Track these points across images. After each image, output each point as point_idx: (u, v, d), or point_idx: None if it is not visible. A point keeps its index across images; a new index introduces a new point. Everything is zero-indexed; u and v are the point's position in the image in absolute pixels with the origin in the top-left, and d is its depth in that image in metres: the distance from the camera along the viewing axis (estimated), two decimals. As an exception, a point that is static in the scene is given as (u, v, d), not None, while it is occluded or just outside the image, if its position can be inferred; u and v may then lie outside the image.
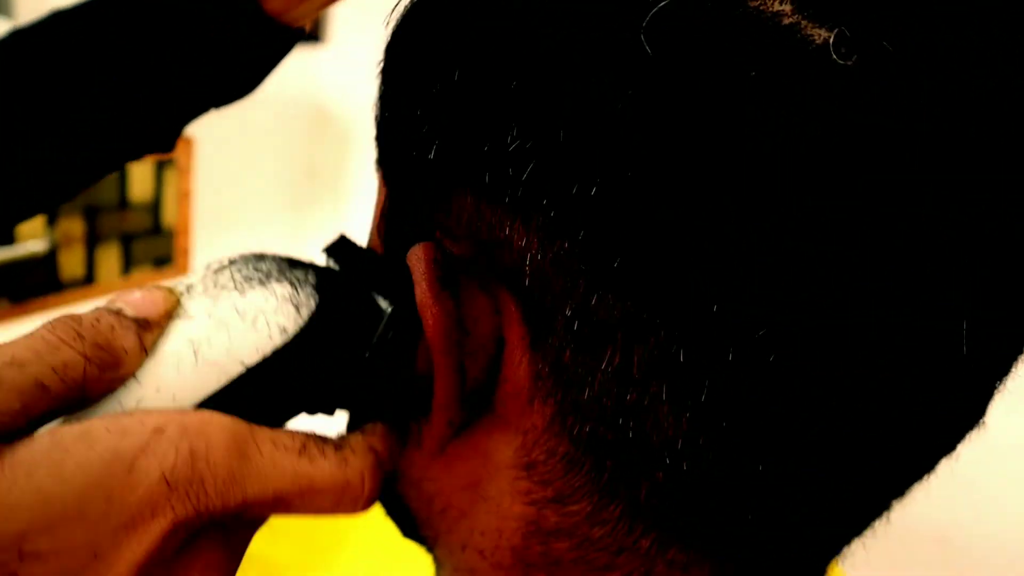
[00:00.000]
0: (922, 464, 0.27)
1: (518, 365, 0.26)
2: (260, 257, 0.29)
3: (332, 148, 1.92)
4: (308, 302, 0.28)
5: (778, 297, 0.21)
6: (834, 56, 0.20)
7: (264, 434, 0.26)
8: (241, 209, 1.75)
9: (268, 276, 0.28)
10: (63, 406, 0.25)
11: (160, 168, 1.45)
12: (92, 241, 1.41)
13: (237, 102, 0.56)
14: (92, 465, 0.23)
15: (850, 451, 0.24)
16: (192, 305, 0.28)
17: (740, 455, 0.24)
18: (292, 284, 0.28)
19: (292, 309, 0.28)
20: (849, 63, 0.20)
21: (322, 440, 0.27)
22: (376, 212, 0.31)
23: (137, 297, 0.27)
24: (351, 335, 0.28)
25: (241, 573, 0.28)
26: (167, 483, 0.24)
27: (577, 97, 0.22)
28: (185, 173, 1.45)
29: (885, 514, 0.28)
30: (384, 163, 0.29)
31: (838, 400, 0.23)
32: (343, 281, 0.29)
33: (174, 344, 0.27)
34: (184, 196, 1.46)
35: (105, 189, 1.39)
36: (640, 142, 0.21)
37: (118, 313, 0.26)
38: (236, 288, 0.28)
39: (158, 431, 0.24)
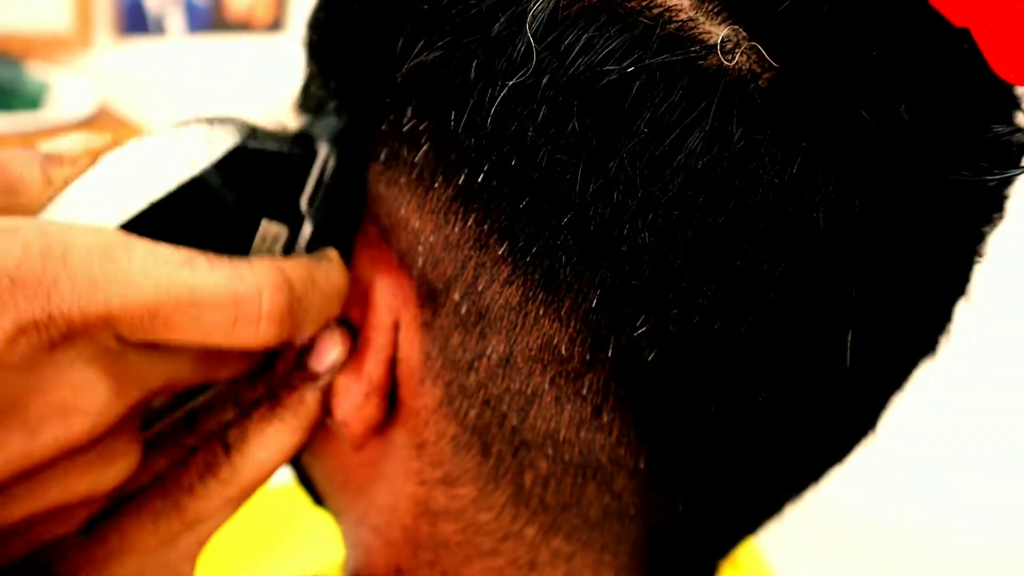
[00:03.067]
0: (809, 470, 0.28)
1: (411, 345, 0.26)
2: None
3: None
4: (224, 138, 0.25)
5: (658, 294, 0.22)
6: (721, 59, 0.20)
7: (141, 243, 0.23)
8: (197, 199, 1.72)
9: (188, 121, 0.25)
10: None
11: (112, 157, 1.42)
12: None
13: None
14: None
15: (729, 450, 0.25)
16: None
17: (622, 450, 0.24)
18: (210, 121, 0.25)
19: (202, 141, 0.25)
20: (732, 65, 0.20)
21: (219, 257, 0.24)
22: None
23: (58, 140, 0.24)
24: (277, 176, 0.26)
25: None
26: (10, 279, 0.21)
27: (467, 82, 0.22)
28: (137, 163, 1.42)
29: (777, 513, 0.29)
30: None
31: (716, 399, 0.23)
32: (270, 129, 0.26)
33: (79, 182, 0.24)
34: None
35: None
36: (523, 130, 0.21)
37: (20, 148, 0.24)
38: (153, 135, 0.25)
39: (9, 230, 0.21)
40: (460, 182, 0.23)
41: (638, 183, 0.21)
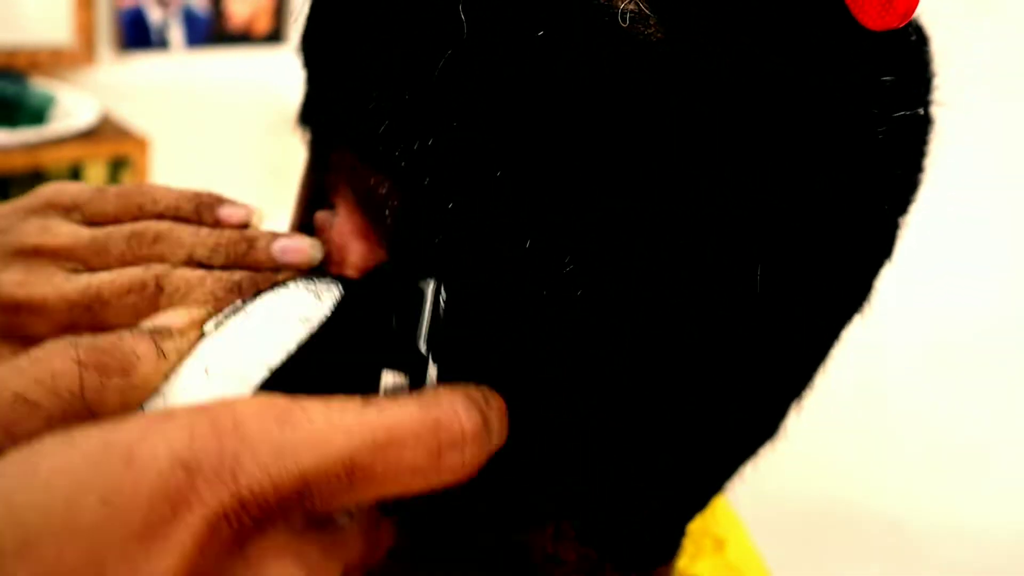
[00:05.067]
0: (742, 428, 0.29)
1: None
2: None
3: (293, 148, 1.92)
4: (330, 289, 0.25)
5: (585, 238, 0.23)
6: (624, 22, 0.22)
7: (311, 399, 0.21)
8: (201, 209, 1.74)
9: (283, 284, 0.26)
10: (69, 425, 0.20)
11: (115, 167, 1.44)
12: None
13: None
14: (74, 463, 0.18)
15: (672, 386, 0.26)
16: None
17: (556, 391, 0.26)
18: (308, 279, 0.26)
19: (311, 297, 0.25)
20: (638, 30, 0.22)
21: (391, 395, 0.22)
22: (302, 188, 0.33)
23: (159, 317, 0.24)
24: (387, 322, 0.24)
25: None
26: (184, 467, 0.18)
27: (410, 58, 0.25)
28: (141, 173, 1.44)
29: (726, 473, 0.30)
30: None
31: (645, 331, 0.25)
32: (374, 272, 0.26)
33: (190, 361, 0.23)
34: (140, 196, 1.45)
35: (59, 189, 1.38)
36: (458, 99, 0.24)
37: (133, 328, 0.23)
38: (248, 301, 0.25)
39: (163, 418, 0.19)
40: (415, 149, 0.24)
41: (557, 132, 0.23)
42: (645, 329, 0.24)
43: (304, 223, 0.31)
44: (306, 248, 0.28)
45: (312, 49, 0.30)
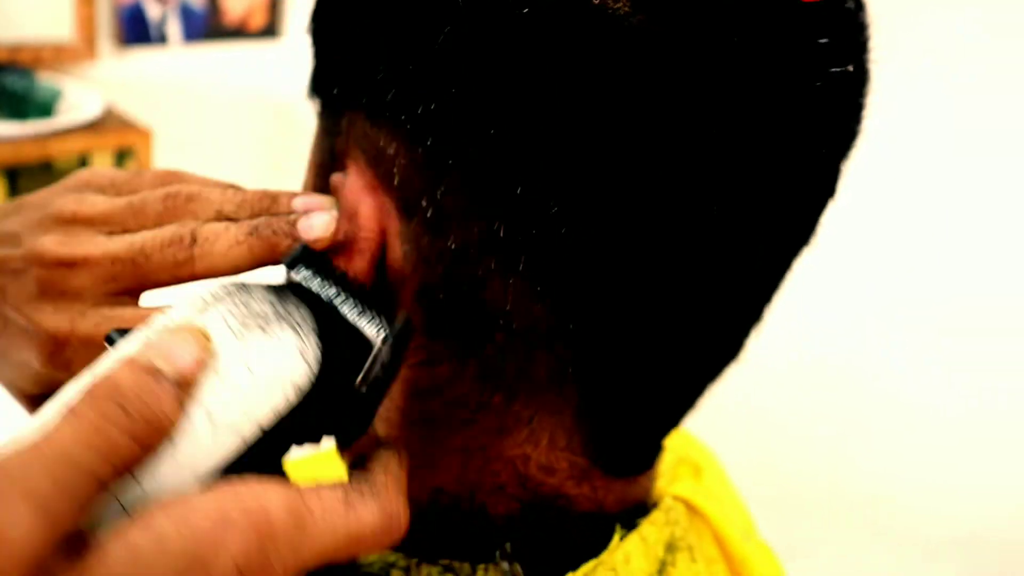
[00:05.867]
0: (714, 341, 0.33)
1: (395, 250, 0.31)
2: (244, 289, 0.29)
3: (291, 141, 1.96)
4: (314, 351, 0.29)
5: (565, 183, 0.28)
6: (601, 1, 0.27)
7: (312, 496, 0.26)
8: (200, 199, 1.77)
9: (267, 320, 0.28)
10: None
11: (120, 158, 1.48)
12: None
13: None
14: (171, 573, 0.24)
15: (640, 319, 0.30)
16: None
17: (555, 317, 0.30)
18: (294, 330, 0.29)
19: (303, 364, 0.28)
20: (612, 6, 0.26)
21: (355, 484, 0.28)
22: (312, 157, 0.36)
23: (171, 348, 0.26)
24: (348, 371, 0.30)
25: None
26: (239, 570, 0.24)
27: (414, 34, 0.29)
28: (145, 163, 1.49)
29: (698, 388, 0.35)
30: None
31: (622, 267, 0.29)
32: (333, 316, 0.30)
33: (193, 407, 0.26)
34: (144, 186, 1.49)
35: (62, 178, 1.42)
36: (456, 68, 0.28)
37: (156, 374, 0.25)
38: (237, 337, 0.27)
39: (225, 523, 0.24)
40: (419, 112, 0.29)
41: (540, 94, 0.27)
42: (619, 259, 0.29)
43: (316, 187, 0.35)
44: (324, 203, 0.32)
45: (324, 28, 0.34)
